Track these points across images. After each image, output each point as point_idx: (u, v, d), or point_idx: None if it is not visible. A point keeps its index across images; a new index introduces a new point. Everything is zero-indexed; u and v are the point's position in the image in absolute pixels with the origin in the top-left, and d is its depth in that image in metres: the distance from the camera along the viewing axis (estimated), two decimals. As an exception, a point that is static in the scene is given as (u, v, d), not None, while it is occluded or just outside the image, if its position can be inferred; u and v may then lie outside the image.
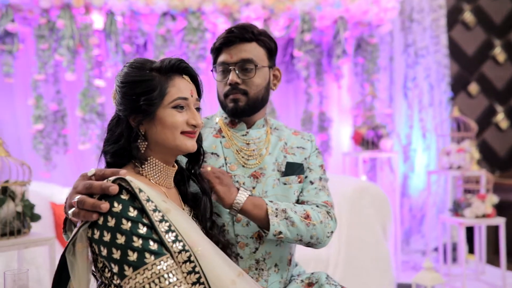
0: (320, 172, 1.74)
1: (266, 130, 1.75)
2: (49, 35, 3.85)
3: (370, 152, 4.23)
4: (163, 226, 1.20)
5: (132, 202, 1.19)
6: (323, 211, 1.63)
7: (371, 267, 3.30)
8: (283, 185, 1.67)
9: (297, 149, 1.75)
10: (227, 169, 1.65)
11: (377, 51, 4.55)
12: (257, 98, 1.66)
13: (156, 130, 1.33)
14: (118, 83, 1.33)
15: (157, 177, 1.38)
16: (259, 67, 1.64)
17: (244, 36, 1.63)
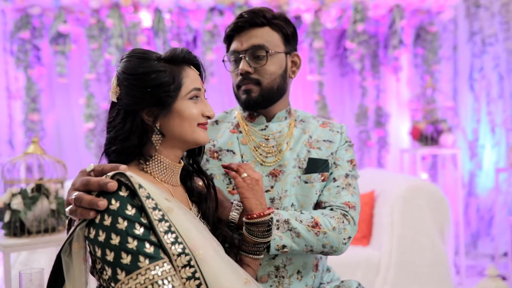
0: (348, 168, 1.57)
1: (289, 122, 1.60)
2: (99, 34, 3.90)
3: (429, 149, 3.94)
4: (162, 226, 1.10)
5: (131, 199, 1.10)
6: (337, 215, 1.46)
7: (427, 273, 3.05)
8: (304, 183, 1.52)
9: (323, 143, 1.58)
10: None
11: (437, 40, 4.24)
12: (271, 87, 1.51)
13: (174, 123, 1.25)
14: (125, 75, 1.22)
15: (162, 175, 1.28)
16: (272, 53, 1.49)
17: (254, 21, 1.49)
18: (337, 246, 1.43)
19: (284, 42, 1.53)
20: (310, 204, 1.51)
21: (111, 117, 1.25)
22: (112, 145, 1.24)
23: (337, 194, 1.51)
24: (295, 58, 1.58)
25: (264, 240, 1.33)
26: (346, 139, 1.62)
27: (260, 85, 1.49)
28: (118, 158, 1.25)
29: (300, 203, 1.51)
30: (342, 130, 1.63)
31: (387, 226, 3.13)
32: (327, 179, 1.55)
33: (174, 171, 1.30)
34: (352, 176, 1.57)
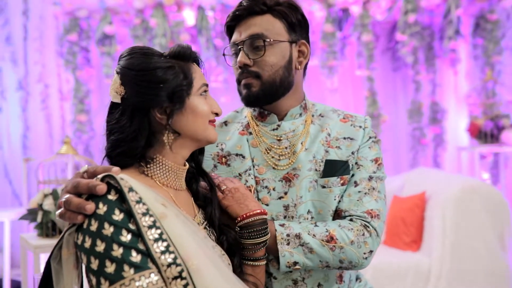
0: (372, 168, 1.41)
1: (305, 119, 1.45)
2: (143, 34, 3.92)
3: (489, 147, 3.64)
4: (152, 234, 1.01)
5: (120, 204, 1.02)
6: (357, 226, 1.31)
7: (483, 283, 2.79)
8: (322, 188, 1.37)
9: (344, 141, 1.42)
10: (255, 173, 1.41)
11: (499, 29, 3.92)
12: (273, 81, 1.36)
13: (187, 121, 1.18)
14: (133, 72, 1.14)
15: (164, 178, 1.20)
16: (271, 42, 1.34)
17: (253, 9, 1.36)
18: (357, 262, 1.29)
19: (288, 30, 1.38)
20: (328, 211, 1.36)
21: (114, 118, 1.18)
22: (116, 148, 1.16)
23: (358, 201, 1.36)
24: (303, 47, 1.40)
25: (254, 241, 1.24)
26: (370, 134, 1.45)
27: (260, 79, 1.35)
28: (122, 162, 1.17)
29: (317, 210, 1.37)
30: (365, 124, 1.46)
31: (439, 231, 2.91)
32: (348, 183, 1.39)
33: (178, 174, 1.23)
34: (377, 178, 1.41)
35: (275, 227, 1.29)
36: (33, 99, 4.43)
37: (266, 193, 1.38)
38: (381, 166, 1.43)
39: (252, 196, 1.31)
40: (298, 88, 1.43)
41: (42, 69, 4.38)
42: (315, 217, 1.37)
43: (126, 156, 1.16)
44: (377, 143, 1.46)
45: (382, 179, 1.42)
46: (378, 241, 1.33)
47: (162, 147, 1.19)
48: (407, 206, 3.22)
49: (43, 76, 4.38)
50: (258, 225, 1.24)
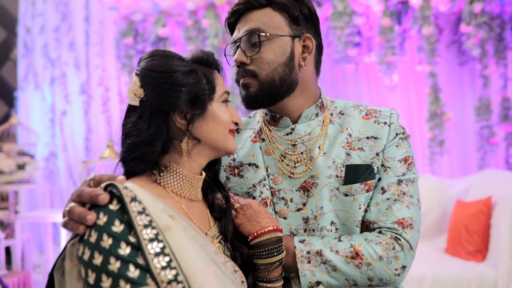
0: (401, 169, 1.26)
1: (322, 119, 1.33)
2: (196, 36, 3.91)
3: None
4: (153, 247, 0.95)
5: (121, 214, 0.97)
6: (386, 239, 1.18)
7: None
8: (344, 196, 1.24)
9: (367, 141, 1.28)
10: (270, 183, 1.30)
11: None
12: (272, 80, 1.24)
13: (208, 128, 1.12)
14: (155, 73, 1.09)
15: (178, 187, 1.13)
16: (269, 37, 1.23)
17: (251, 3, 1.25)
18: (388, 279, 1.16)
19: (290, 23, 1.26)
20: (353, 222, 1.23)
21: (130, 122, 1.13)
22: (131, 152, 1.11)
23: (387, 210, 1.21)
24: (307, 41, 1.27)
25: (267, 261, 1.14)
26: (397, 130, 1.30)
27: (257, 78, 1.24)
28: (135, 168, 1.12)
29: (341, 221, 1.24)
30: (391, 119, 1.30)
31: (507, 240, 2.65)
32: (373, 189, 1.25)
33: (193, 184, 1.15)
34: (408, 181, 1.25)
35: (294, 244, 1.18)
36: (94, 103, 4.57)
37: (283, 205, 1.27)
38: (412, 165, 1.28)
39: (266, 211, 1.20)
40: (307, 86, 1.30)
41: (103, 73, 4.51)
42: (340, 229, 1.24)
43: (141, 162, 1.10)
44: (406, 139, 1.30)
45: (414, 181, 1.26)
46: (412, 255, 1.18)
47: (177, 155, 1.13)
48: (471, 212, 2.97)
49: (103, 79, 4.51)
50: (271, 243, 1.14)
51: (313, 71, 1.31)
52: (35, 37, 4.52)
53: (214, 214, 1.21)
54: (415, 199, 1.24)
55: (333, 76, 4.19)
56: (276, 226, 1.16)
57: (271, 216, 1.21)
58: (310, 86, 1.31)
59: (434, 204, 3.41)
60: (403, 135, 1.30)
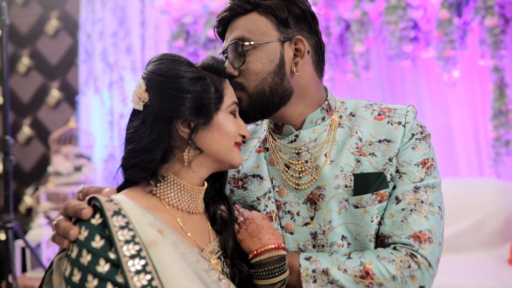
0: (419, 174, 1.12)
1: (329, 123, 1.22)
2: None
3: None
4: (134, 264, 0.90)
5: (102, 229, 0.93)
6: (400, 257, 1.05)
7: None
8: (355, 208, 1.12)
9: (379, 145, 1.16)
10: (275, 195, 1.21)
11: None
12: (261, 91, 1.15)
13: (212, 138, 1.07)
14: (162, 78, 1.05)
15: (175, 199, 1.08)
16: (254, 45, 1.14)
17: (235, 10, 1.17)
18: None
19: (278, 26, 1.15)
20: (366, 237, 1.12)
21: (132, 127, 1.09)
22: (131, 159, 1.07)
23: (402, 222, 1.08)
24: (299, 44, 1.16)
25: (268, 282, 1.05)
26: (414, 129, 1.16)
27: (246, 91, 1.16)
28: (134, 175, 1.08)
29: (353, 235, 1.13)
30: (406, 118, 1.17)
31: None
32: (387, 198, 1.13)
33: (193, 195, 1.10)
34: (427, 187, 1.11)
35: (299, 261, 1.08)
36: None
37: (289, 219, 1.18)
38: (432, 169, 1.13)
39: (270, 226, 1.12)
40: (306, 91, 1.19)
41: (158, 76, 4.57)
42: (353, 244, 1.12)
43: (139, 170, 1.05)
44: (425, 139, 1.16)
45: (434, 186, 1.12)
46: (431, 273, 1.05)
47: (178, 165, 1.07)
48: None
49: (159, 82, 4.56)
50: (272, 262, 1.06)
51: (312, 74, 1.20)
52: (94, 42, 4.68)
53: (215, 227, 1.15)
54: (436, 208, 1.10)
55: (390, 73, 3.99)
56: (278, 244, 1.08)
57: (275, 231, 1.12)
58: (310, 90, 1.20)
59: (497, 209, 3.15)
60: (421, 135, 1.16)
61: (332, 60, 3.81)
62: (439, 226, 1.10)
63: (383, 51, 3.88)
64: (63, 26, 5.06)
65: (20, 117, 5.20)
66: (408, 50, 3.55)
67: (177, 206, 1.07)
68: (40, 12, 5.14)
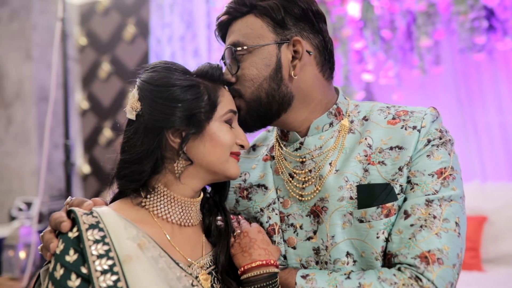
0: (433, 186, 0.99)
1: (338, 129, 1.12)
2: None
3: None
4: (105, 280, 0.88)
5: (77, 243, 0.92)
6: (403, 279, 0.94)
7: None
8: (359, 223, 1.02)
9: (390, 152, 1.04)
10: (279, 207, 1.13)
11: None
12: (257, 98, 1.09)
13: (204, 148, 1.04)
14: (152, 86, 1.05)
15: (164, 211, 1.05)
16: (249, 49, 1.07)
17: (232, 14, 1.12)
18: None
19: (274, 28, 1.08)
20: (371, 255, 1.02)
21: (125, 137, 1.08)
22: (122, 170, 1.06)
23: (410, 240, 0.96)
24: (297, 46, 1.07)
25: None
26: (431, 135, 1.03)
27: (243, 98, 1.10)
28: (124, 187, 1.07)
29: (358, 253, 1.03)
30: (423, 122, 1.04)
31: None
32: (395, 213, 1.01)
33: (184, 207, 1.06)
34: (442, 200, 0.98)
35: (295, 279, 1.02)
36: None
37: (292, 232, 1.10)
38: (450, 179, 1.00)
39: (264, 241, 1.06)
40: (310, 95, 1.10)
41: (224, 78, 4.60)
42: (359, 262, 1.03)
43: (129, 181, 1.05)
44: (444, 146, 1.02)
45: (452, 200, 0.98)
46: None
47: (168, 176, 1.04)
48: None
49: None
50: (261, 280, 1.00)
51: (316, 77, 1.11)
52: (164, 47, 4.82)
53: (211, 239, 1.11)
54: (451, 224, 0.97)
55: (463, 67, 3.68)
56: (267, 260, 1.01)
57: (269, 246, 1.06)
58: (315, 94, 1.11)
59: None
60: (439, 141, 1.03)
61: (398, 56, 3.60)
62: (454, 246, 0.96)
63: (455, 44, 3.59)
64: (139, 32, 5.27)
65: (102, 120, 5.50)
66: (481, 41, 3.24)
67: (167, 218, 1.04)
68: (118, 19, 5.40)
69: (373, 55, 3.58)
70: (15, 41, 5.12)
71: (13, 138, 5.18)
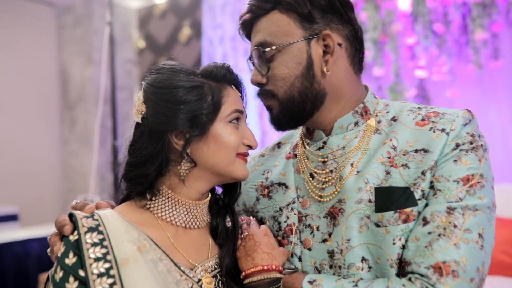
0: (457, 193, 0.92)
1: (363, 129, 1.07)
2: (354, 31, 3.68)
3: None
4: (101, 283, 0.90)
5: (76, 246, 0.95)
6: None
7: None
8: (376, 227, 0.97)
9: (415, 155, 0.98)
10: (299, 207, 1.10)
11: None
12: (290, 98, 1.04)
13: (208, 150, 1.03)
14: (154, 89, 1.05)
15: (169, 214, 1.05)
16: (279, 48, 1.03)
17: (255, 12, 1.07)
18: None
19: (302, 23, 1.03)
20: (386, 261, 0.97)
21: (132, 139, 1.10)
22: (128, 173, 1.08)
23: (426, 248, 0.91)
24: (328, 40, 1.03)
25: None
26: (460, 139, 0.96)
27: (277, 98, 1.06)
28: (131, 189, 1.08)
29: (374, 258, 0.98)
30: (453, 125, 0.97)
31: None
32: (414, 219, 0.95)
33: (189, 210, 1.06)
34: (465, 209, 0.91)
35: (301, 285, 0.99)
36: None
37: (309, 233, 1.07)
38: (478, 188, 0.93)
39: (269, 244, 1.04)
40: (342, 91, 1.07)
41: (274, 77, 4.58)
42: (374, 268, 0.98)
43: (135, 184, 1.06)
44: (475, 151, 0.95)
45: (477, 209, 0.92)
46: None
47: (173, 178, 1.05)
48: None
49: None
50: (263, 285, 0.98)
51: (347, 71, 1.07)
52: (215, 47, 4.87)
53: (218, 241, 1.10)
54: (474, 235, 0.90)
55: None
56: (269, 266, 0.99)
57: (273, 250, 1.03)
58: (346, 90, 1.08)
59: None
60: (469, 145, 0.96)
61: (452, 50, 3.42)
62: (474, 258, 0.89)
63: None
64: (194, 34, 5.36)
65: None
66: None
67: (171, 221, 1.04)
68: (174, 22, 5.53)
69: (425, 50, 3.43)
70: (78, 46, 5.39)
71: (76, 138, 5.45)
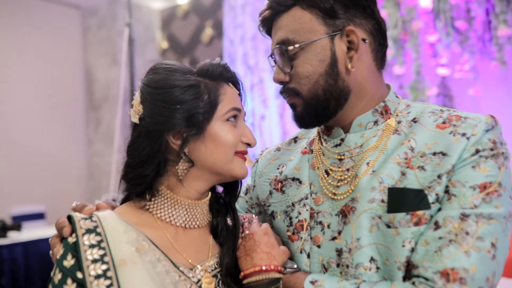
0: (472, 200, 0.90)
1: (382, 128, 1.05)
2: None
3: None
4: (99, 284, 0.91)
5: (75, 248, 0.95)
6: None
7: None
8: (387, 228, 0.95)
9: (433, 158, 0.96)
10: (311, 203, 1.09)
11: None
12: (315, 96, 1.03)
13: (206, 149, 1.03)
14: (150, 89, 1.06)
15: (168, 214, 1.05)
16: (302, 46, 1.01)
17: (276, 8, 1.06)
18: None
19: (324, 19, 1.01)
20: (394, 263, 0.95)
21: (130, 141, 1.11)
22: (126, 174, 1.09)
23: (436, 253, 0.89)
24: (352, 36, 1.01)
25: None
26: (481, 145, 0.94)
27: (301, 96, 1.05)
28: (130, 190, 1.09)
29: (383, 259, 0.97)
30: (474, 130, 0.95)
31: None
32: (426, 222, 0.93)
33: (189, 210, 1.06)
34: (480, 217, 0.89)
35: (303, 285, 0.98)
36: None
37: (319, 230, 1.06)
38: (495, 196, 0.90)
39: (270, 244, 1.03)
40: (365, 88, 1.05)
41: (295, 76, 4.56)
42: (382, 269, 0.97)
43: (134, 185, 1.07)
44: (494, 158, 0.93)
45: (492, 218, 0.89)
46: None
47: (172, 179, 1.05)
48: None
49: (295, 82, 4.56)
50: (263, 286, 0.98)
51: (370, 68, 1.05)
52: (236, 47, 4.88)
53: (218, 241, 1.10)
54: (486, 244, 0.88)
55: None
56: (268, 266, 0.98)
57: (273, 250, 1.03)
58: (369, 87, 1.06)
59: None
60: (489, 152, 0.93)
61: (475, 47, 3.34)
62: (484, 267, 0.87)
63: None
64: (216, 34, 5.39)
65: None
66: None
67: (170, 221, 1.04)
68: (196, 22, 5.56)
69: (447, 47, 3.35)
70: (102, 47, 5.48)
71: (101, 138, 5.54)
